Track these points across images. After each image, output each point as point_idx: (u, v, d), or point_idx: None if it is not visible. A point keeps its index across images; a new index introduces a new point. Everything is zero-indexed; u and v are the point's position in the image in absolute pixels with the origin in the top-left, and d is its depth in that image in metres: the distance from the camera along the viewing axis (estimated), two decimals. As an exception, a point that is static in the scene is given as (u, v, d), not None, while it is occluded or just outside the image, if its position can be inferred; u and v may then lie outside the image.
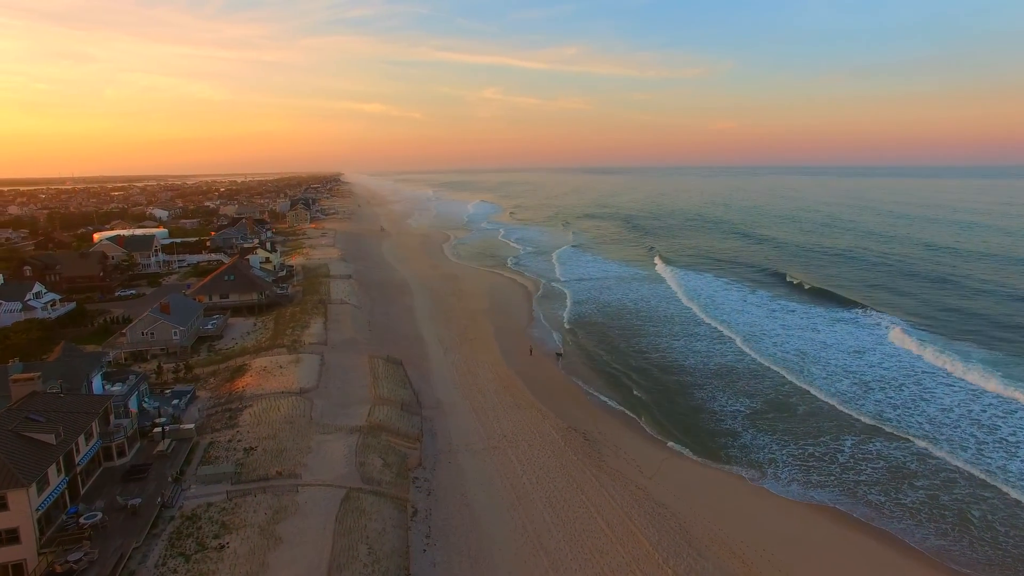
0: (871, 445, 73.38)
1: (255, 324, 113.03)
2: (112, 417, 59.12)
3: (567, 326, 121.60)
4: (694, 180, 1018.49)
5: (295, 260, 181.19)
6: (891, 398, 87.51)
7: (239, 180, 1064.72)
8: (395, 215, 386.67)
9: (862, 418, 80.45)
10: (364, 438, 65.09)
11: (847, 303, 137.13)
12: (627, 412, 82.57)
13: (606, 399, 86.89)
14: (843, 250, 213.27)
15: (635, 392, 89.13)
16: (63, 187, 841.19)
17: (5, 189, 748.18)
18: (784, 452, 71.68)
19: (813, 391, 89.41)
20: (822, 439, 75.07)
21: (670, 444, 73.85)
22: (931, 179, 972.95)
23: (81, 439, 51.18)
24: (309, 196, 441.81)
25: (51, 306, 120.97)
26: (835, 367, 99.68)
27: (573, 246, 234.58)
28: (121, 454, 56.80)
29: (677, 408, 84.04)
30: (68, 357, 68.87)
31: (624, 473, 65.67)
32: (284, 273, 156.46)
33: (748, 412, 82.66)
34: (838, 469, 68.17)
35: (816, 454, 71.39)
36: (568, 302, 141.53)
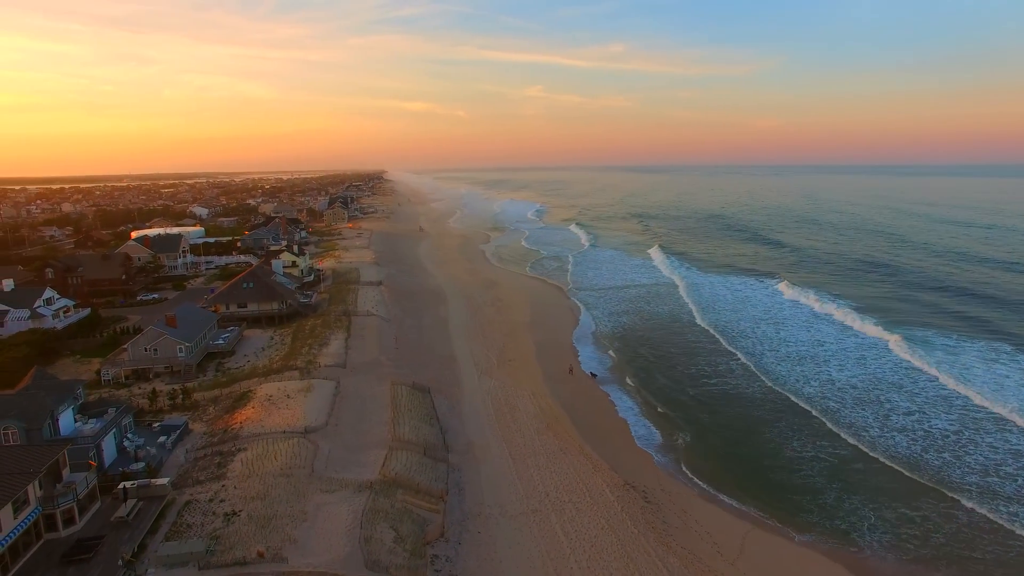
0: (992, 508, 58.55)
1: (272, 338, 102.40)
2: (66, 471, 48.18)
3: (611, 342, 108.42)
4: (741, 180, 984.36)
5: (326, 263, 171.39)
6: (1015, 444, 71.25)
7: (285, 177, 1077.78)
8: (435, 214, 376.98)
9: (974, 473, 65.22)
10: (375, 498, 52.76)
11: (940, 326, 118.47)
12: (690, 461, 68.42)
13: (663, 441, 72.93)
14: (923, 266, 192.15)
15: (695, 432, 75.44)
16: (119, 184, 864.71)
17: (67, 187, 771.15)
18: (881, 519, 57.82)
19: (903, 431, 74.72)
20: (926, 500, 60.56)
21: (749, 509, 59.66)
22: (1000, 178, 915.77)
23: (7, 511, 40.16)
24: (348, 194, 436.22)
25: (63, 313, 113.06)
26: (928, 398, 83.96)
27: (614, 249, 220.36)
28: (70, 521, 45.69)
29: (746, 454, 70.15)
30: (35, 387, 58.55)
31: (698, 554, 51.72)
32: (312, 278, 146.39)
33: (831, 460, 68.55)
34: (944, 538, 54.61)
35: (916, 519, 57.48)
36: (610, 313, 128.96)
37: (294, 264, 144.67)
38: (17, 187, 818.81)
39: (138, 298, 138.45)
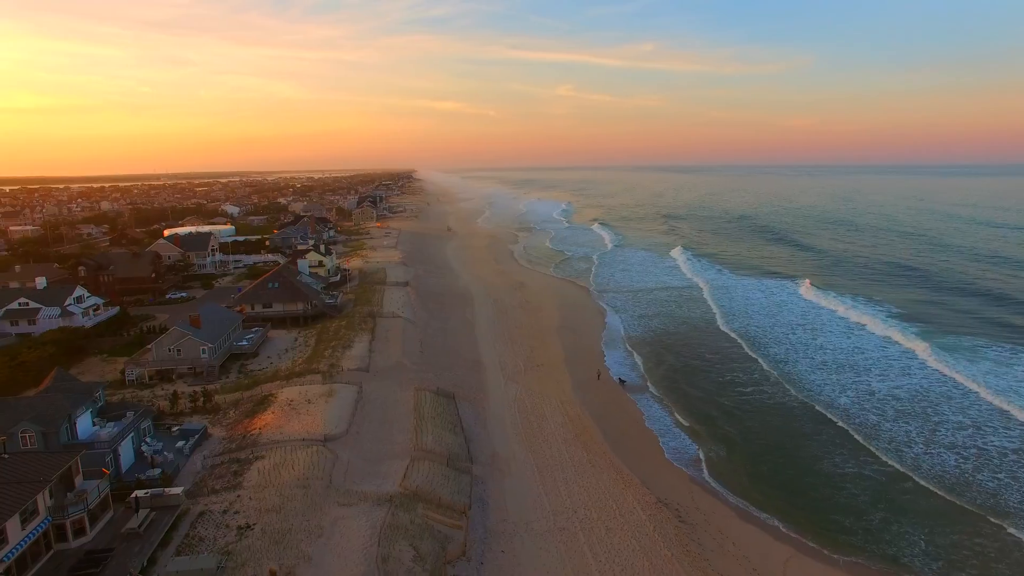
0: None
1: (296, 339, 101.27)
2: (79, 478, 46.87)
3: (640, 347, 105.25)
4: (772, 179, 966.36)
5: (353, 263, 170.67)
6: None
7: (316, 176, 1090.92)
8: (463, 213, 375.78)
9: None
10: (394, 513, 50.51)
11: (989, 335, 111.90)
12: (725, 477, 64.91)
13: (697, 455, 69.49)
14: (967, 270, 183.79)
15: (729, 444, 71.92)
16: (156, 183, 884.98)
17: (107, 186, 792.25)
18: (934, 544, 53.96)
19: (952, 448, 70.16)
20: (983, 525, 56.25)
21: (790, 530, 56.04)
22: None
23: (14, 521, 38.83)
24: (378, 193, 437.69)
25: (92, 311, 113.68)
26: (981, 411, 79.04)
27: (642, 250, 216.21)
28: (80, 532, 44.32)
29: (784, 470, 66.48)
30: (55, 389, 57.69)
31: (737, 582, 48.41)
32: (338, 278, 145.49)
33: (876, 477, 64.48)
34: (1009, 569, 50.32)
35: (974, 545, 53.43)
36: (638, 316, 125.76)
37: (320, 264, 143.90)
38: (61, 186, 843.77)
39: (167, 296, 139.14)
